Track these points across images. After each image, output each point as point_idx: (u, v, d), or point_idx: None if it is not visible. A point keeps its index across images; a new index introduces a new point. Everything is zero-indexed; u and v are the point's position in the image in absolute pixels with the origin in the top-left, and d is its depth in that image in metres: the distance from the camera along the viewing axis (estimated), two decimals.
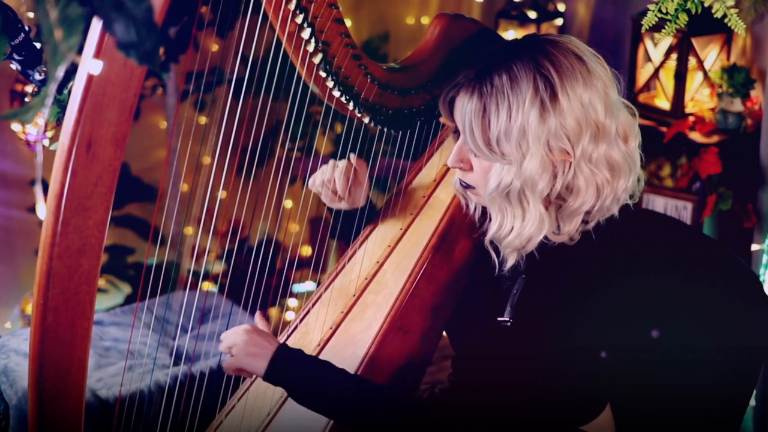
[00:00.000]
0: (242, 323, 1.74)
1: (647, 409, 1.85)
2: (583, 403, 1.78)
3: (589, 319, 1.65)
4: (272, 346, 1.69)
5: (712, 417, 1.85)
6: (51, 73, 1.04)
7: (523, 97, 1.59)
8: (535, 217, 1.64)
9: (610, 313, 1.66)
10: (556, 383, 1.66)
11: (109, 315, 2.86)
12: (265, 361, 1.68)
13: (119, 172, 1.39)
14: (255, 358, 1.69)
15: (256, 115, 2.05)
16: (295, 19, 1.70)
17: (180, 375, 2.45)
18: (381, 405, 1.69)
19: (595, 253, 1.67)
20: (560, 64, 1.60)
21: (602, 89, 1.62)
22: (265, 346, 1.69)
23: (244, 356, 1.69)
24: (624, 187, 1.67)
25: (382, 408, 1.69)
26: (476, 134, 1.63)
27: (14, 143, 3.17)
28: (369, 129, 1.92)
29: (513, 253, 1.69)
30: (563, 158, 1.62)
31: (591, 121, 1.61)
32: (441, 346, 1.86)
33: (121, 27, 1.03)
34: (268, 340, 1.71)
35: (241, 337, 1.70)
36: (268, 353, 1.69)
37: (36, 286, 1.40)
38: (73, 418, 1.48)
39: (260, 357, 1.69)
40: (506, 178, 1.63)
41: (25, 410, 2.36)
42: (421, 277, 1.81)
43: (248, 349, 1.69)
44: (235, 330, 1.72)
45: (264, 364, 1.68)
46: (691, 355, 1.82)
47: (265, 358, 1.68)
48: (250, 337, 1.70)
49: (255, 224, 3.20)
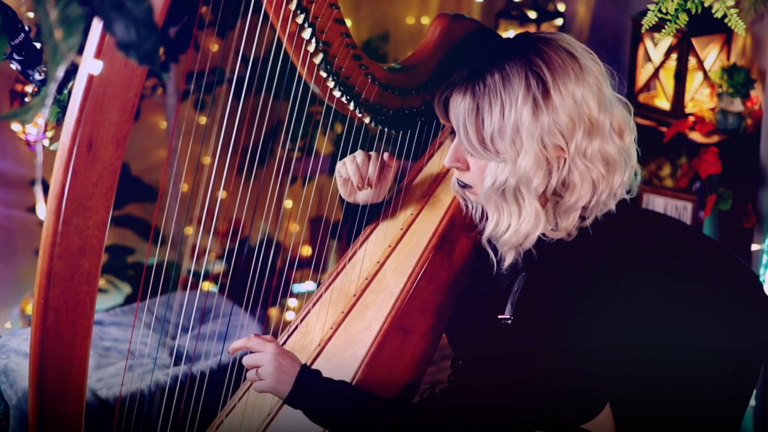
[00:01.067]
0: (242, 323, 1.74)
1: (647, 408, 1.85)
2: (583, 402, 1.78)
3: (589, 317, 1.65)
4: (295, 371, 1.69)
5: (712, 417, 1.86)
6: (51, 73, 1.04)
7: (516, 95, 1.59)
8: (531, 214, 1.65)
9: (610, 310, 1.66)
10: (556, 381, 1.67)
11: (109, 315, 2.86)
12: (289, 386, 1.68)
13: (120, 172, 1.39)
14: (281, 384, 1.69)
15: (256, 115, 2.05)
16: (296, 19, 1.71)
17: (180, 375, 2.45)
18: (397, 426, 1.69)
19: (593, 249, 1.68)
20: (552, 61, 1.61)
21: (595, 85, 1.63)
22: (290, 371, 1.69)
23: (273, 381, 1.68)
24: (620, 182, 1.67)
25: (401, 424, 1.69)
26: (470, 133, 1.63)
27: (14, 143, 3.17)
28: (369, 129, 1.92)
29: (511, 251, 1.69)
30: (558, 154, 1.63)
31: (584, 117, 1.61)
32: (441, 346, 1.86)
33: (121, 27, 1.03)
34: (292, 364, 1.70)
35: (269, 361, 1.69)
36: (291, 378, 1.68)
37: (36, 286, 1.40)
38: (74, 418, 1.48)
39: (285, 383, 1.68)
40: (501, 175, 1.64)
41: (25, 410, 2.36)
42: (421, 278, 1.81)
43: (276, 375, 1.68)
44: (262, 355, 1.70)
45: (287, 389, 1.68)
46: (690, 355, 1.82)
47: (288, 383, 1.68)
48: (279, 362, 1.69)
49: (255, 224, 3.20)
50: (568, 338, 1.65)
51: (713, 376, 1.83)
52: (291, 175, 3.28)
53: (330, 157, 3.43)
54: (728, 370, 1.83)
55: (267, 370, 1.68)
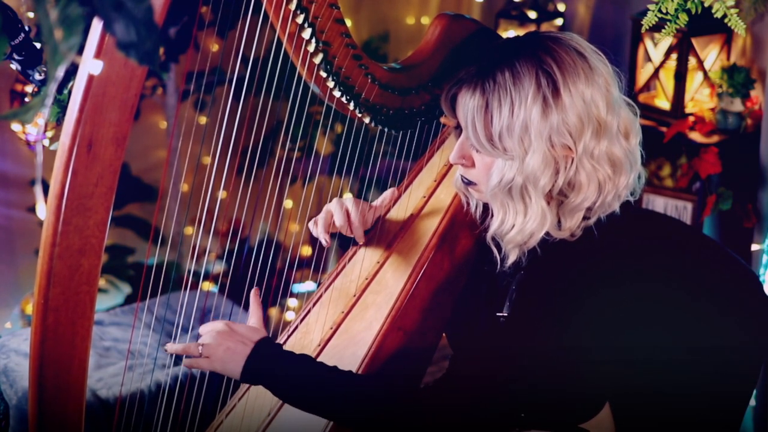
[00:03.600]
0: (242, 323, 1.73)
1: (647, 408, 1.85)
2: (582, 401, 1.78)
3: (590, 316, 1.65)
4: (247, 348, 1.65)
5: (712, 417, 1.86)
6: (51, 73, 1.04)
7: (526, 93, 1.59)
8: (537, 212, 1.65)
9: (611, 309, 1.66)
10: (554, 380, 1.67)
11: (109, 315, 2.86)
12: (239, 365, 1.65)
13: (120, 172, 1.39)
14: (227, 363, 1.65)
15: (256, 116, 2.05)
16: (296, 19, 1.71)
17: (180, 375, 2.45)
18: (373, 399, 1.67)
19: (596, 249, 1.68)
20: (562, 60, 1.61)
21: (604, 86, 1.63)
22: (239, 348, 1.65)
23: (215, 361, 1.65)
24: (625, 184, 1.67)
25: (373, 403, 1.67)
26: (479, 130, 1.63)
27: (14, 143, 3.17)
28: (369, 129, 1.92)
29: (515, 249, 1.70)
30: (565, 154, 1.63)
31: (593, 117, 1.61)
32: (441, 346, 1.86)
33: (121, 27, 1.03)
34: (242, 340, 1.66)
35: (214, 337, 1.66)
36: (242, 357, 1.65)
37: (36, 286, 1.40)
38: (74, 418, 1.48)
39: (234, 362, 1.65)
40: (508, 173, 1.64)
41: (25, 410, 2.36)
42: (421, 278, 1.81)
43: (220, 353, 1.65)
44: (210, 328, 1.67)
45: (238, 368, 1.65)
46: (690, 355, 1.82)
47: (239, 363, 1.65)
48: (223, 338, 1.65)
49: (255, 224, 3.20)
50: (567, 337, 1.65)
51: (713, 376, 1.83)
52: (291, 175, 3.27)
53: (330, 157, 3.43)
54: (728, 370, 1.83)
55: (211, 348, 1.65)
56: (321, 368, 1.68)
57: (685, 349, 1.82)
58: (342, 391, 1.67)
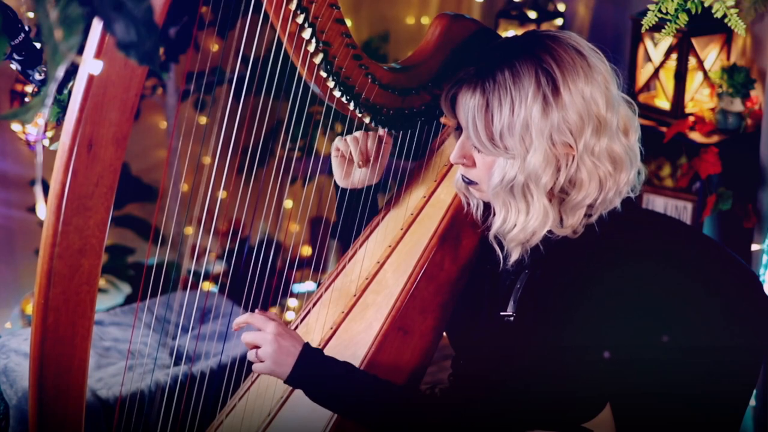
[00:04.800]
0: None
1: (647, 408, 1.85)
2: (584, 400, 1.78)
3: (591, 314, 1.65)
4: (296, 351, 1.68)
5: (712, 417, 1.86)
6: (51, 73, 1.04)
7: (526, 91, 1.60)
8: (540, 210, 1.65)
9: (612, 308, 1.66)
10: (557, 379, 1.67)
11: (109, 315, 2.85)
12: (288, 368, 1.68)
13: (120, 172, 1.39)
14: (280, 366, 1.68)
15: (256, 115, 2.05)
16: (296, 19, 1.71)
17: (180, 375, 2.45)
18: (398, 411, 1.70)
19: (598, 246, 1.68)
20: (561, 58, 1.61)
21: (603, 83, 1.63)
22: (291, 352, 1.68)
23: (272, 364, 1.68)
24: (626, 180, 1.68)
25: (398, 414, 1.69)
26: (479, 129, 1.64)
27: (14, 143, 3.17)
28: (369, 129, 1.92)
29: (517, 248, 1.70)
30: (566, 152, 1.63)
31: (593, 115, 1.62)
32: (441, 346, 1.86)
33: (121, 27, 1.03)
34: (294, 345, 1.69)
35: (269, 342, 1.68)
36: (291, 360, 1.67)
37: (36, 286, 1.40)
38: (74, 418, 1.48)
39: (285, 365, 1.68)
40: (510, 172, 1.64)
41: (25, 410, 2.36)
42: (421, 277, 1.81)
43: (275, 357, 1.67)
44: (262, 335, 1.69)
45: (287, 371, 1.68)
46: (690, 355, 1.82)
47: (288, 365, 1.67)
48: (279, 344, 1.68)
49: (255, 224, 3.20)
50: (570, 335, 1.65)
51: (713, 376, 1.83)
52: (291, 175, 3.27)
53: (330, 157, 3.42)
54: (728, 370, 1.83)
55: (266, 351, 1.67)
56: (361, 376, 1.70)
57: (685, 349, 1.82)
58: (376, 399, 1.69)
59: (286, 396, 1.80)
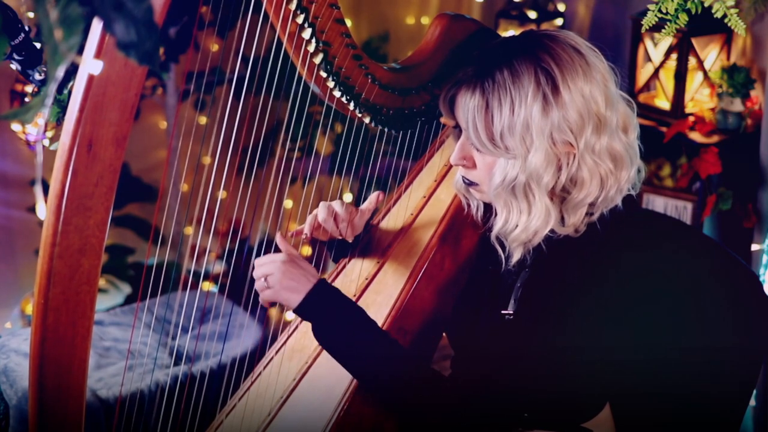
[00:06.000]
0: (242, 323, 1.73)
1: (647, 408, 1.85)
2: (584, 400, 1.78)
3: (591, 313, 1.65)
4: (309, 283, 1.69)
5: (712, 417, 1.85)
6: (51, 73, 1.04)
7: (525, 91, 1.60)
8: (541, 210, 1.65)
9: (613, 306, 1.66)
10: (557, 378, 1.67)
11: (109, 315, 2.86)
12: (301, 295, 1.68)
13: (120, 172, 1.39)
14: (291, 293, 1.68)
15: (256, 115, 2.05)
16: (296, 19, 1.71)
17: (180, 375, 2.45)
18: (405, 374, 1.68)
19: (600, 245, 1.68)
20: (560, 57, 1.61)
21: (602, 81, 1.64)
22: (302, 281, 1.69)
23: (281, 289, 1.68)
24: (626, 178, 1.68)
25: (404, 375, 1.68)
26: (480, 130, 1.63)
27: (14, 143, 3.17)
28: (369, 129, 1.92)
29: (519, 248, 1.70)
30: (567, 151, 1.63)
31: (593, 113, 1.62)
32: (441, 346, 1.86)
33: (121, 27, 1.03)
34: (305, 274, 1.69)
35: (279, 268, 1.69)
36: (305, 289, 1.68)
37: (36, 286, 1.40)
38: (74, 418, 1.48)
39: (296, 291, 1.68)
40: (511, 172, 1.64)
41: (25, 410, 2.36)
42: (421, 278, 1.81)
43: (285, 282, 1.68)
44: (272, 259, 1.70)
45: (299, 299, 1.68)
46: (690, 355, 1.82)
47: (301, 293, 1.68)
48: (287, 268, 1.68)
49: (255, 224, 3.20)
50: (570, 334, 1.65)
51: (713, 376, 1.83)
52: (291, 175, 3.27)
53: (330, 157, 3.43)
54: (728, 370, 1.83)
55: (276, 278, 1.68)
56: (375, 327, 1.70)
57: (685, 349, 1.82)
58: (384, 354, 1.68)
59: (286, 396, 1.80)
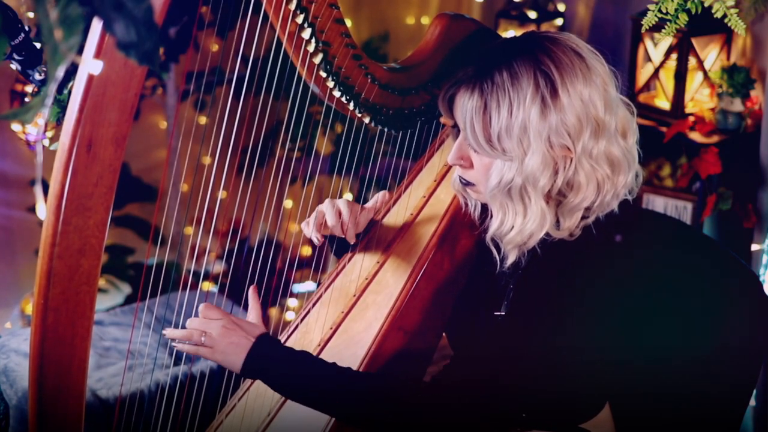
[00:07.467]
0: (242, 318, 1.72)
1: (646, 408, 1.85)
2: (582, 401, 1.78)
3: (587, 315, 1.65)
4: (250, 342, 1.65)
5: (711, 416, 1.86)
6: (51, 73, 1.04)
7: (524, 93, 1.59)
8: (537, 213, 1.65)
9: (608, 309, 1.66)
10: (554, 379, 1.67)
11: (109, 315, 2.86)
12: (241, 357, 1.64)
13: (119, 172, 1.39)
14: (233, 355, 1.65)
15: (256, 115, 2.05)
16: (296, 19, 1.71)
17: (180, 375, 2.45)
18: (373, 397, 1.67)
19: (595, 248, 1.68)
20: (560, 60, 1.61)
21: (601, 85, 1.63)
22: (243, 343, 1.65)
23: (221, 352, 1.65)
24: (623, 183, 1.67)
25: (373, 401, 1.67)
26: (477, 131, 1.63)
27: (14, 143, 3.17)
28: (369, 129, 1.92)
29: (514, 250, 1.70)
30: (564, 154, 1.63)
31: (591, 117, 1.61)
32: (441, 346, 1.86)
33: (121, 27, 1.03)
34: (246, 337, 1.65)
35: (216, 329, 1.65)
36: (243, 351, 1.64)
37: (36, 286, 1.40)
38: (73, 418, 1.48)
39: (237, 354, 1.64)
40: (507, 174, 1.64)
41: (25, 410, 2.36)
42: (421, 277, 1.81)
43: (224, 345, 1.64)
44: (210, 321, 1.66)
45: (240, 361, 1.65)
46: (690, 355, 1.82)
47: (240, 354, 1.64)
48: (226, 330, 1.65)
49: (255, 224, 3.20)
50: (565, 336, 1.64)
51: (713, 376, 1.83)
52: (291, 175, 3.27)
53: (330, 157, 3.43)
54: (728, 370, 1.83)
55: (215, 340, 1.64)
56: (321, 364, 1.68)
57: (685, 349, 1.82)
58: (341, 389, 1.66)
59: None
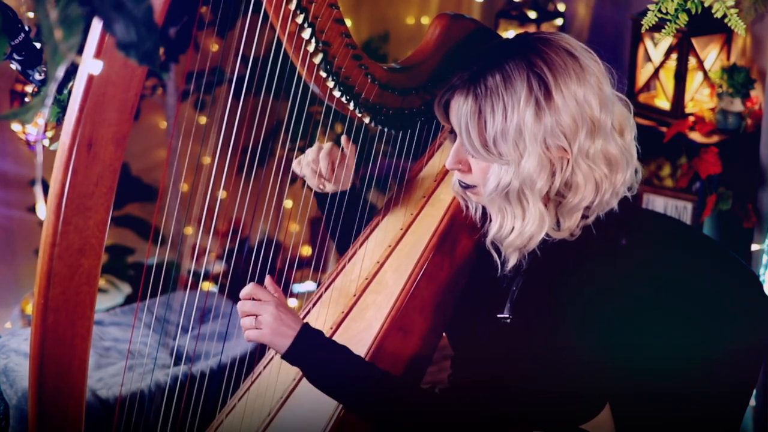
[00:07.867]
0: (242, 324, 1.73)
1: (647, 408, 1.85)
2: (583, 401, 1.78)
3: (587, 315, 1.65)
4: (297, 327, 1.68)
5: (711, 417, 1.86)
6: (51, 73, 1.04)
7: (518, 96, 1.59)
8: (536, 215, 1.65)
9: (611, 308, 1.66)
10: (555, 380, 1.67)
11: (109, 315, 2.86)
12: (289, 340, 1.67)
13: (120, 172, 1.39)
14: (281, 338, 1.67)
15: (256, 115, 2.05)
16: (296, 19, 1.71)
17: (180, 375, 2.45)
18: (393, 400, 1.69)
19: (596, 247, 1.68)
20: (553, 61, 1.60)
21: (596, 84, 1.62)
22: (291, 326, 1.68)
23: (271, 333, 1.67)
24: (622, 181, 1.67)
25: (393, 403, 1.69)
26: (473, 136, 1.63)
27: (14, 143, 3.17)
28: (369, 129, 1.92)
29: (515, 253, 1.69)
30: (561, 155, 1.63)
31: (586, 117, 1.61)
32: (441, 346, 1.86)
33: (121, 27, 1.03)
34: (294, 320, 1.69)
35: (270, 312, 1.67)
36: (292, 333, 1.67)
37: (36, 286, 1.40)
38: (74, 418, 1.48)
39: (285, 336, 1.67)
40: (505, 178, 1.63)
41: (25, 410, 2.36)
42: (421, 277, 1.81)
43: (275, 327, 1.67)
44: (262, 303, 1.69)
45: (287, 344, 1.67)
46: (690, 355, 1.82)
47: (289, 337, 1.67)
48: (278, 313, 1.67)
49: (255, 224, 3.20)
50: (568, 337, 1.65)
51: (713, 376, 1.83)
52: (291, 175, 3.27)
53: None
54: (728, 370, 1.83)
55: (266, 320, 1.67)
56: (361, 361, 1.70)
57: (685, 349, 1.82)
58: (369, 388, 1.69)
59: (286, 396, 1.80)
